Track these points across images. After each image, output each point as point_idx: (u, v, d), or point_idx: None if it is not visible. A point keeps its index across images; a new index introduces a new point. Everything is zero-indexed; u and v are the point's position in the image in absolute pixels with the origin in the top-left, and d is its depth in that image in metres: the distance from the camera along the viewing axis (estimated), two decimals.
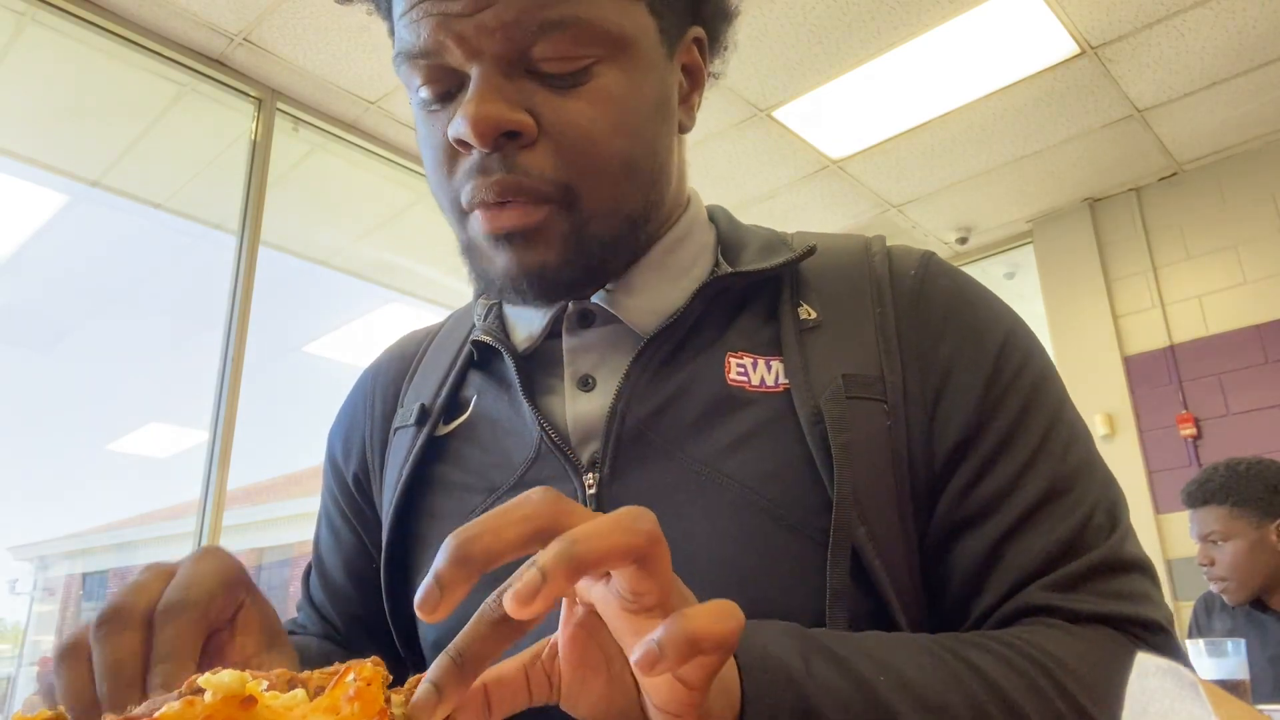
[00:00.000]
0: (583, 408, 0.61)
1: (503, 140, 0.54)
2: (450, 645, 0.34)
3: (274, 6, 2.75)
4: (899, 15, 2.88)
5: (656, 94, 0.60)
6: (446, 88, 0.58)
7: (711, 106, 3.28)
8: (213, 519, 2.78)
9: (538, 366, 0.65)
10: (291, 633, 0.75)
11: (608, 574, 0.35)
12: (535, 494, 0.35)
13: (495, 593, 0.35)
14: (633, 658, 0.32)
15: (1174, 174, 3.95)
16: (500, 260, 0.57)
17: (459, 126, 0.54)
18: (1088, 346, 4.01)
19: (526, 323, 0.67)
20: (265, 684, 0.30)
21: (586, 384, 0.62)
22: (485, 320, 0.69)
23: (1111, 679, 0.49)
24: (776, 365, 0.60)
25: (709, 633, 0.32)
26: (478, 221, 0.57)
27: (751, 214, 3.94)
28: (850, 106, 3.34)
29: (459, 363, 0.70)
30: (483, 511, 0.61)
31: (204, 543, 2.77)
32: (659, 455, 0.58)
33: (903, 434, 0.57)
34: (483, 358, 0.69)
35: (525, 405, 0.62)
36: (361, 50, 2.95)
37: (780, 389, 0.59)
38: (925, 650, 0.47)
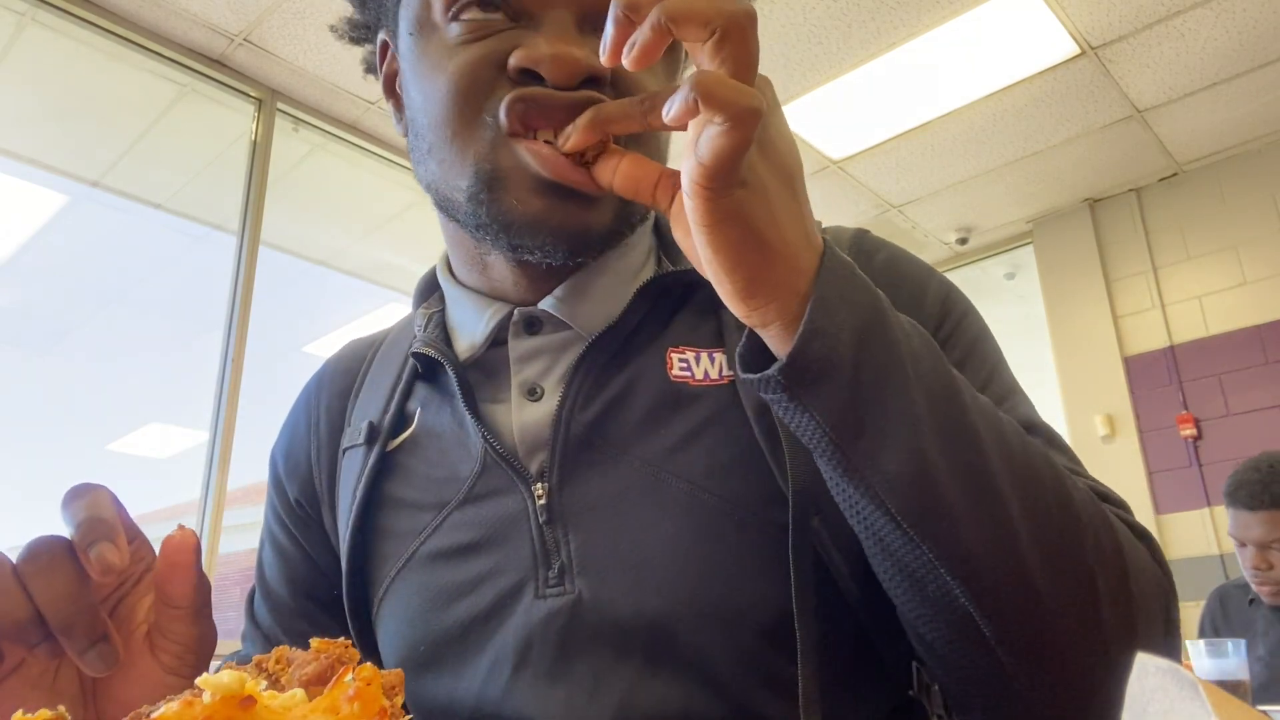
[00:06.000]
0: (529, 416, 0.59)
1: (582, 84, 0.52)
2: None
3: (274, 6, 2.75)
4: (899, 15, 2.88)
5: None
6: (495, 28, 0.55)
7: None
8: (213, 519, 2.78)
9: (484, 375, 0.63)
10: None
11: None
12: None
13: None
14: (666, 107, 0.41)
15: (1174, 174, 3.95)
16: (539, 204, 0.53)
17: (540, 54, 0.51)
18: (1088, 347, 4.01)
19: (469, 332, 0.64)
20: (264, 684, 0.30)
21: (534, 393, 0.60)
22: (426, 330, 0.66)
23: (1119, 528, 0.50)
24: (720, 357, 0.59)
25: (721, 94, 0.38)
26: (533, 159, 0.52)
27: None
28: (850, 106, 3.34)
29: (404, 376, 0.67)
30: (435, 528, 0.60)
31: (204, 543, 2.78)
32: (606, 460, 0.57)
33: None
34: (427, 370, 0.66)
35: (468, 417, 0.60)
36: (362, 50, 2.95)
37: (725, 381, 0.58)
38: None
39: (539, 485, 0.57)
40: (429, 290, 0.71)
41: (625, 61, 0.39)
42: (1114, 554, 0.46)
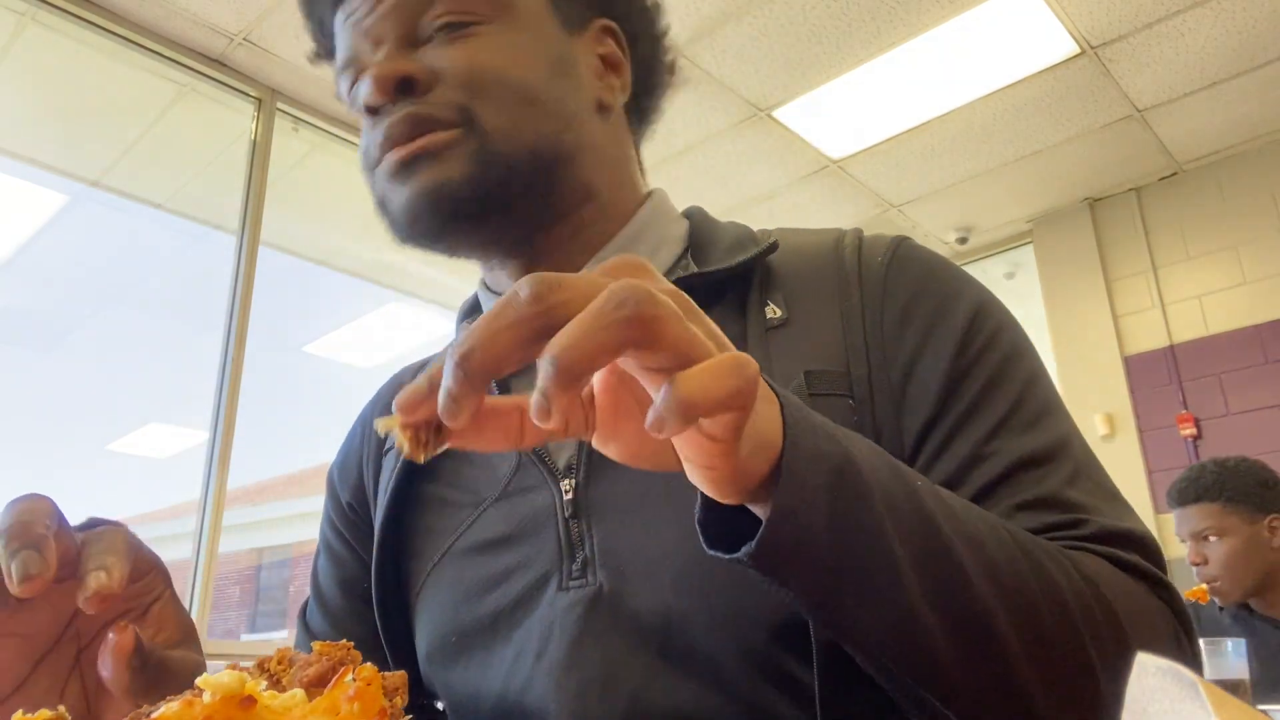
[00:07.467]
0: None
1: (402, 90, 0.59)
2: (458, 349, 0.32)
3: (274, 6, 2.75)
4: (899, 15, 2.88)
5: (551, 52, 0.63)
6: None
7: (712, 106, 3.28)
8: (212, 519, 2.78)
9: (519, 374, 0.64)
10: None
11: None
12: (521, 289, 0.32)
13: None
14: (646, 422, 0.31)
15: (1174, 174, 3.95)
16: (402, 193, 0.59)
17: (363, 86, 0.59)
18: (1088, 346, 4.01)
19: None
20: (264, 684, 0.30)
21: None
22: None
23: (1121, 592, 0.48)
24: None
25: (707, 396, 0.31)
26: (388, 162, 0.59)
27: (751, 214, 3.94)
28: (850, 106, 3.34)
29: None
30: (471, 523, 0.62)
31: (204, 543, 2.77)
32: None
33: (870, 428, 0.56)
34: None
35: None
36: None
37: None
38: (958, 498, 0.47)
39: (566, 480, 0.59)
40: (473, 307, 0.74)
41: (552, 424, 0.31)
42: (1116, 642, 0.46)
